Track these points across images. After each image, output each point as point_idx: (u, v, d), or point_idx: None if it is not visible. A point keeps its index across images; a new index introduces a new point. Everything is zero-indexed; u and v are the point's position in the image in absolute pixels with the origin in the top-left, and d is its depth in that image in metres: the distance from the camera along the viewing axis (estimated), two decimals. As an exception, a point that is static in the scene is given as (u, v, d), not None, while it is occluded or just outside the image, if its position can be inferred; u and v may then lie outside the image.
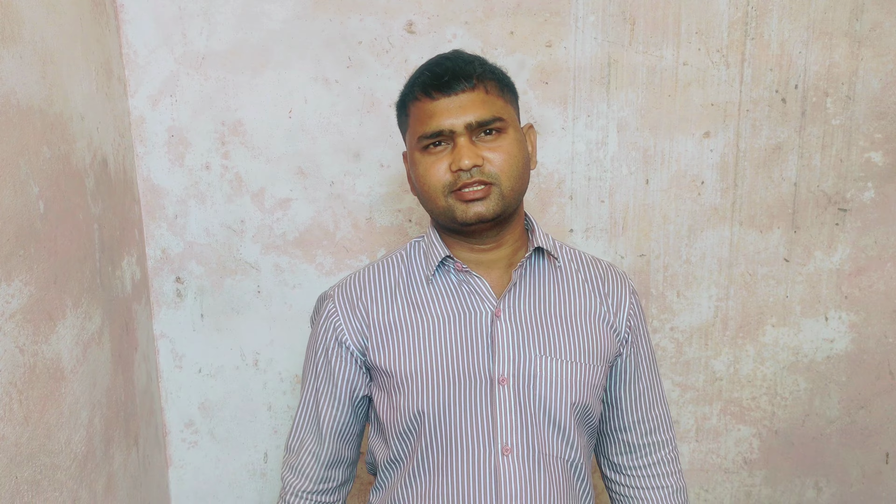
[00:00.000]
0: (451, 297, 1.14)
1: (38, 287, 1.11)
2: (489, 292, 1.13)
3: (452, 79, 1.05)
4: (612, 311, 1.19)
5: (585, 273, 1.20)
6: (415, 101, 1.09)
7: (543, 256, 1.18)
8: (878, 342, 1.84)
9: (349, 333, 1.16)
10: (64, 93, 1.25)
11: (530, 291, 1.15)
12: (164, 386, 1.78)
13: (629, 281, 1.24)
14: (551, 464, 1.12)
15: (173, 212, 1.69)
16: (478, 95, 1.06)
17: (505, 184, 1.07)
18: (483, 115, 1.06)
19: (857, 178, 1.75)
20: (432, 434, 1.11)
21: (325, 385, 1.20)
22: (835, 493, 1.93)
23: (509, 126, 1.09)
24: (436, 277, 1.15)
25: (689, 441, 1.89)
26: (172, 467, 1.83)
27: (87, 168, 1.35)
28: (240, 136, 1.66)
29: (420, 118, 1.08)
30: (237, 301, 1.74)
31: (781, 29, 1.67)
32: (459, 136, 1.05)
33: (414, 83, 1.10)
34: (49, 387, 1.13)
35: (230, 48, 1.62)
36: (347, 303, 1.17)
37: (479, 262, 1.15)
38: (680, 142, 1.72)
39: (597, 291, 1.19)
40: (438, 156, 1.07)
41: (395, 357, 1.12)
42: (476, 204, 1.06)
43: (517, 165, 1.08)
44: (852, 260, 1.79)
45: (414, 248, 1.20)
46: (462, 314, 1.12)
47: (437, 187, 1.08)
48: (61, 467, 1.16)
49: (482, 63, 1.10)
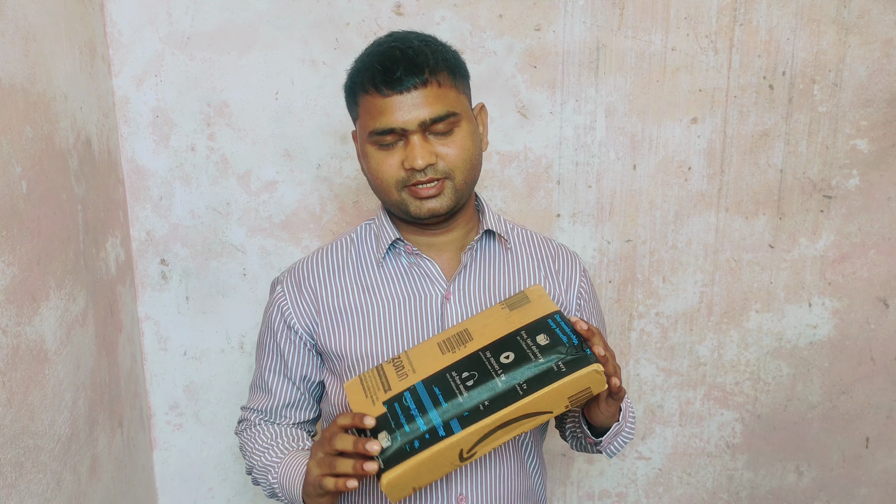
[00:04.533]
0: (401, 280, 1.15)
1: (21, 268, 1.09)
2: (439, 275, 1.14)
3: (404, 74, 1.02)
4: (561, 288, 1.21)
5: (536, 253, 1.22)
6: (364, 94, 1.05)
7: (494, 238, 1.19)
8: (860, 328, 1.86)
9: (297, 317, 1.17)
10: (47, 71, 1.23)
11: (480, 273, 1.16)
12: (149, 368, 1.77)
13: (579, 260, 1.27)
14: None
15: (158, 193, 1.68)
16: (430, 91, 1.03)
17: (458, 178, 1.07)
18: (436, 111, 1.03)
19: (843, 166, 1.76)
20: None
21: (276, 368, 1.22)
22: (815, 476, 1.96)
23: (462, 118, 1.07)
24: (386, 260, 1.16)
25: (672, 425, 1.91)
26: (157, 449, 1.82)
27: (71, 148, 1.33)
28: (226, 117, 1.65)
29: (371, 113, 1.05)
30: (223, 284, 1.73)
31: (770, 15, 1.67)
32: (412, 133, 1.03)
33: (363, 74, 1.05)
34: (32, 368, 1.12)
35: (216, 28, 1.61)
36: (296, 287, 1.18)
37: (431, 244, 1.16)
38: (667, 127, 1.72)
39: (547, 270, 1.21)
40: (391, 151, 1.06)
41: (345, 340, 1.14)
42: (430, 200, 1.07)
43: (470, 158, 1.08)
44: (836, 247, 1.81)
45: (364, 231, 1.21)
46: (412, 297, 1.14)
47: (390, 182, 1.07)
48: (45, 449, 1.16)
49: (434, 51, 1.05)
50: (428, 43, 1.07)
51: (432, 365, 0.97)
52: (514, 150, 1.71)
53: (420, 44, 1.05)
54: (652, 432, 1.91)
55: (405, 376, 0.97)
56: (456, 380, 0.94)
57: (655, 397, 1.89)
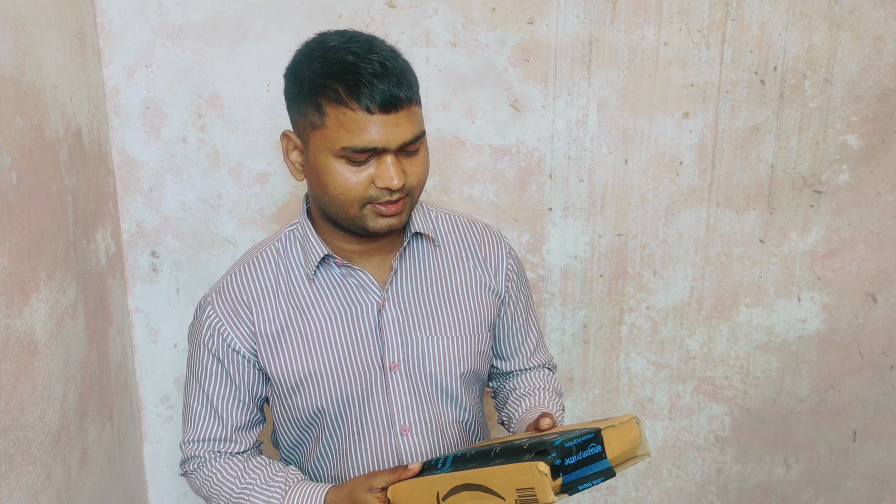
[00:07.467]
0: (335, 294, 1.13)
1: (11, 259, 1.09)
2: (373, 284, 1.13)
3: (392, 95, 0.97)
4: (490, 273, 1.23)
5: (463, 243, 1.22)
6: (340, 106, 0.98)
7: (422, 238, 1.19)
8: (849, 323, 1.88)
9: (238, 339, 1.14)
10: (37, 62, 1.22)
11: (413, 276, 1.17)
12: (139, 361, 1.77)
13: (504, 240, 1.28)
14: (447, 431, 1.20)
15: (149, 185, 1.67)
16: (412, 111, 1.01)
17: (416, 193, 1.07)
18: (414, 132, 1.01)
19: (833, 161, 1.77)
20: (333, 426, 1.16)
21: (225, 392, 1.17)
22: (803, 470, 1.97)
23: (424, 135, 1.06)
24: (317, 275, 1.13)
25: (662, 419, 1.92)
26: (147, 442, 1.82)
27: (61, 139, 1.32)
28: (217, 109, 1.64)
29: (347, 127, 0.98)
30: (213, 276, 1.73)
31: (762, 10, 1.67)
32: (389, 154, 1.00)
33: (340, 82, 0.97)
34: (22, 360, 1.11)
35: (207, 19, 1.60)
36: (230, 309, 1.14)
37: (362, 251, 1.14)
38: (659, 122, 1.72)
39: (474, 258, 1.23)
40: (362, 167, 1.01)
41: (286, 364, 1.13)
42: (391, 218, 1.05)
43: (426, 174, 1.08)
44: (826, 242, 1.82)
45: (289, 240, 1.17)
46: (348, 309, 1.13)
47: (355, 199, 1.02)
48: (35, 441, 1.15)
49: (407, 68, 1.02)
50: (402, 58, 1.03)
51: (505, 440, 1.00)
52: (507, 143, 1.71)
53: (399, 59, 1.02)
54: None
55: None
56: (495, 445, 0.95)
57: (646, 391, 1.90)
